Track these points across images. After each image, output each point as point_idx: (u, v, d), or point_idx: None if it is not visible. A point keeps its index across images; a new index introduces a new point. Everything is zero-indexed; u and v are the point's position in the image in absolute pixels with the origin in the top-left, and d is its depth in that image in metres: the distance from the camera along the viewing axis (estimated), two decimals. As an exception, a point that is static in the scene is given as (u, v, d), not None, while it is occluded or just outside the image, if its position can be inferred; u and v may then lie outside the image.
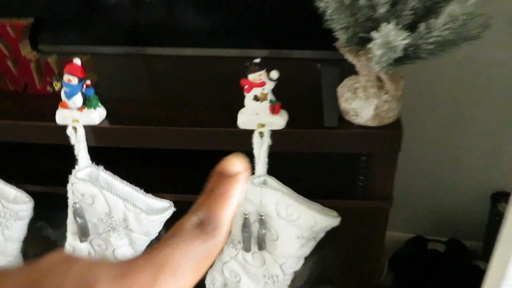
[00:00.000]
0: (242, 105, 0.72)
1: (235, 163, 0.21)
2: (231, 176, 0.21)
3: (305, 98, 0.79)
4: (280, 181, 0.75)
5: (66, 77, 0.72)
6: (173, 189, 0.81)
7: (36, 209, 0.87)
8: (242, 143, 0.72)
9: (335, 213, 0.76)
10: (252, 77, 0.68)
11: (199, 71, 0.91)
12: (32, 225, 1.14)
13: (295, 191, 0.75)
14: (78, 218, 0.79)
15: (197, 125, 0.73)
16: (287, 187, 0.75)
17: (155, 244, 0.19)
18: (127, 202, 0.76)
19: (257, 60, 0.67)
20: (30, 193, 0.84)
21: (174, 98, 0.82)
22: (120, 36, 0.82)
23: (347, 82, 0.72)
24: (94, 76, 0.85)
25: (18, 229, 0.87)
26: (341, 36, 0.65)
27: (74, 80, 0.72)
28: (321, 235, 0.77)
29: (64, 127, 0.75)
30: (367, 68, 0.68)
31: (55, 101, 0.79)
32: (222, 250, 0.83)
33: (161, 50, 0.80)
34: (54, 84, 0.73)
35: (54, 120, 0.75)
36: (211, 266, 0.82)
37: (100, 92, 0.79)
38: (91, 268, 0.17)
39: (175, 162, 0.88)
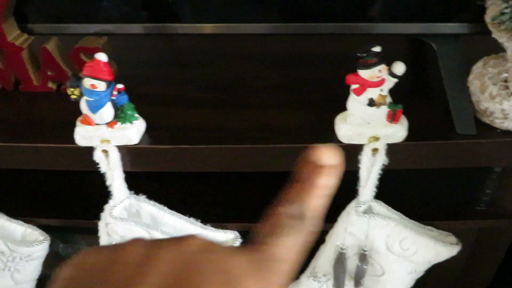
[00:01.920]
0: (329, 105, 0.52)
1: (329, 155, 0.22)
2: (325, 167, 0.22)
3: (418, 94, 0.59)
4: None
5: (87, 82, 0.49)
6: (236, 217, 0.62)
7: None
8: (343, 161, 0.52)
9: (453, 238, 0.59)
10: (367, 73, 0.47)
11: (256, 53, 0.68)
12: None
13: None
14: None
15: (275, 138, 0.52)
16: (397, 212, 0.57)
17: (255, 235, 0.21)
18: (183, 241, 0.57)
19: (377, 49, 0.46)
20: (43, 228, 0.64)
21: (229, 94, 0.60)
22: (143, 8, 0.59)
23: (486, 70, 0.52)
24: (114, 66, 0.62)
25: (31, 270, 0.67)
26: (504, 10, 0.44)
27: (101, 86, 0.49)
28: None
29: (88, 150, 0.53)
30: (527, 53, 0.48)
31: (62, 102, 0.57)
32: (297, 279, 0.66)
33: (198, 28, 0.57)
34: (69, 92, 0.50)
35: (68, 136, 0.53)
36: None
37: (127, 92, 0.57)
38: (226, 263, 0.19)
39: (235, 182, 0.67)
